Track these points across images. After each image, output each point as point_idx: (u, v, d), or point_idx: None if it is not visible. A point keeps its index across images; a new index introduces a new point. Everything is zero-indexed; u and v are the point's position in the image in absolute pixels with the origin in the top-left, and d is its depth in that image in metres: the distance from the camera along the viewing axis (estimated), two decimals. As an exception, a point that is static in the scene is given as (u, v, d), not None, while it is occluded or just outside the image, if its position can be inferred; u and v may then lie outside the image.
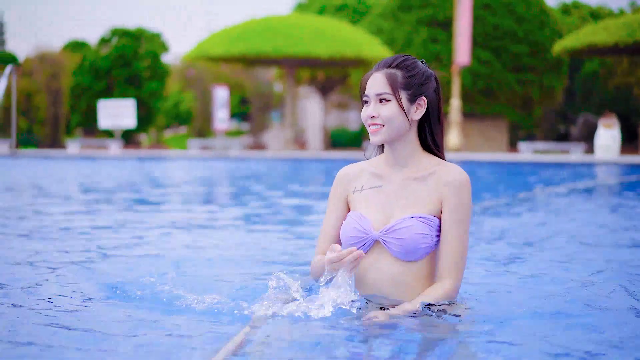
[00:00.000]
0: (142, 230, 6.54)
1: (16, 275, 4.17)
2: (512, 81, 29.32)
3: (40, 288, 3.76)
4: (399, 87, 2.98)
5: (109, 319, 3.17)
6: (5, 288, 3.76)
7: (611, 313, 3.26)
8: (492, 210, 8.21)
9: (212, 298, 3.27)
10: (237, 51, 25.98)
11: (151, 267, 4.46)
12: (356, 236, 3.05)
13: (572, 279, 4.11)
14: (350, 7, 39.99)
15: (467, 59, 24.63)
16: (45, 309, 3.29)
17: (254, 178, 15.02)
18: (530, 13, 29.46)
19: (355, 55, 25.54)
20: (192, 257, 5.01)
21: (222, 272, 4.27)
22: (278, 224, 7.17)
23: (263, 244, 5.68)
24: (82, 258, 4.85)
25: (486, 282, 3.92)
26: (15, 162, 21.62)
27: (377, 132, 3.00)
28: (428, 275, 3.05)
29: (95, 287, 3.84)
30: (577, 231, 6.53)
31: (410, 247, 2.97)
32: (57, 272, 4.24)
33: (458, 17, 24.62)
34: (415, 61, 3.04)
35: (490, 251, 5.22)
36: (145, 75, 34.66)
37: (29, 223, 6.90)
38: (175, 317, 3.13)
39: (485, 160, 21.69)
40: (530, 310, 3.27)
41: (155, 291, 3.50)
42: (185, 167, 19.81)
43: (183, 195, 11.03)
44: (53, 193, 10.70)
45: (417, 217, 2.99)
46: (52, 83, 35.06)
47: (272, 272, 3.21)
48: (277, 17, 28.01)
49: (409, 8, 29.83)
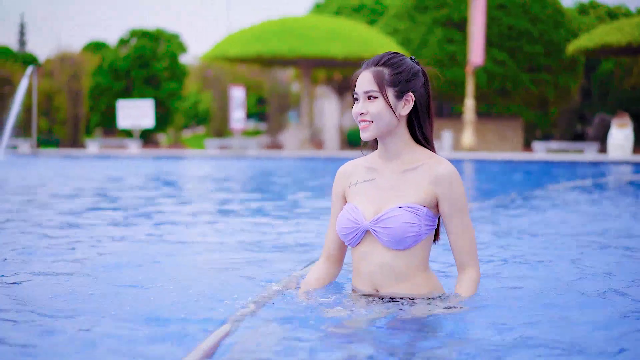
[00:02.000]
0: (162, 225, 6.83)
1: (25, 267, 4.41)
2: (527, 81, 29.39)
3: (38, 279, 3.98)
4: (385, 84, 3.07)
5: (125, 303, 3.46)
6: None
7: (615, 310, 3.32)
8: (495, 207, 8.40)
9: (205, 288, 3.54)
10: (254, 52, 26.21)
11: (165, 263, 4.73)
12: (348, 227, 3.17)
13: (569, 272, 4.24)
14: (368, 7, 40.10)
15: (480, 59, 24.78)
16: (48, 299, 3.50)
17: (270, 177, 15.24)
18: (545, 13, 29.53)
19: (371, 55, 25.60)
20: (206, 251, 5.27)
21: (232, 267, 4.47)
22: (291, 219, 7.38)
23: (275, 239, 5.83)
24: (110, 250, 5.13)
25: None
26: (36, 161, 21.95)
27: (366, 128, 3.10)
28: (420, 262, 3.14)
29: (117, 279, 4.11)
30: (571, 227, 6.65)
31: (398, 235, 3.06)
32: (71, 264, 4.53)
33: (472, 18, 24.78)
34: (402, 58, 3.13)
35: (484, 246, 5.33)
36: (163, 75, 34.79)
37: (46, 217, 7.20)
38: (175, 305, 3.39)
39: (496, 159, 21.80)
40: (528, 306, 3.38)
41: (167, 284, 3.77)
42: (203, 166, 20.05)
43: (201, 192, 11.30)
44: (73, 191, 11.00)
45: (405, 207, 3.08)
46: (72, 83, 35.32)
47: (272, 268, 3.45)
48: (293, 18, 28.19)
49: (424, 8, 29.99)
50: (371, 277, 3.18)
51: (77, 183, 12.88)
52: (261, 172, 16.66)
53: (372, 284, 3.19)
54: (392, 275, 3.14)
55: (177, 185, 13.30)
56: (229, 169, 18.16)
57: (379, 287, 3.18)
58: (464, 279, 3.17)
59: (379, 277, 3.16)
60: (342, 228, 3.20)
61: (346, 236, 3.20)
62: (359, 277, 3.23)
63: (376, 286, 3.18)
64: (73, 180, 13.81)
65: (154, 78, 34.68)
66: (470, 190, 11.89)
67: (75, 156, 25.47)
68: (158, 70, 34.58)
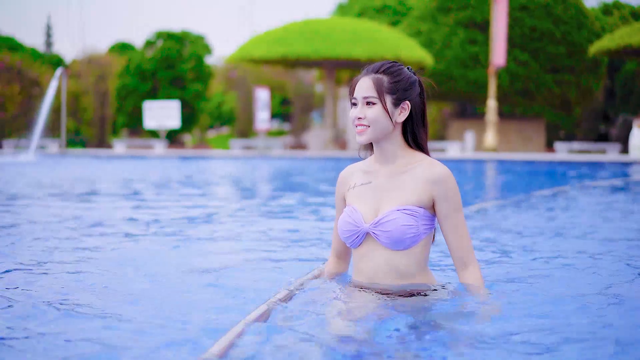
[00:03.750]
0: (188, 222, 7.14)
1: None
2: (550, 82, 29.43)
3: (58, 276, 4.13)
4: (384, 91, 3.20)
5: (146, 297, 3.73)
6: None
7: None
8: (504, 206, 8.59)
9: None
10: (278, 53, 26.38)
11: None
12: (349, 229, 3.29)
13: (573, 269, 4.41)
14: (391, 8, 40.20)
15: (502, 60, 24.90)
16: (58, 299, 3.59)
17: (293, 176, 15.47)
18: (568, 14, 29.54)
19: (394, 56, 25.72)
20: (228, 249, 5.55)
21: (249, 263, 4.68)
22: (315, 218, 7.62)
23: (297, 236, 6.03)
24: (145, 244, 5.44)
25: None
26: (67, 161, 22.34)
27: (363, 132, 3.24)
28: (420, 261, 3.25)
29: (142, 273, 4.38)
30: (578, 228, 6.74)
31: (397, 237, 3.17)
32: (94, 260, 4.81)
33: (494, 19, 24.91)
34: (401, 68, 3.26)
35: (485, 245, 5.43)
36: (189, 76, 34.98)
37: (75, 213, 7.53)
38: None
39: (516, 159, 21.90)
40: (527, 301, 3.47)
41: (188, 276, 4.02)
42: (229, 165, 20.31)
43: (228, 191, 11.58)
44: (107, 189, 11.34)
45: (402, 210, 3.19)
46: (99, 85, 35.67)
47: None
48: (316, 20, 28.34)
49: (447, 10, 30.12)
50: (372, 276, 3.29)
51: (109, 181, 13.23)
52: (285, 172, 16.90)
53: (373, 283, 3.29)
54: (393, 274, 3.25)
55: (207, 184, 13.59)
56: (254, 169, 18.40)
57: (379, 285, 3.28)
58: (470, 277, 3.27)
59: (380, 276, 3.26)
60: (344, 231, 3.32)
61: (347, 238, 3.32)
62: (360, 275, 3.34)
63: (377, 285, 3.28)
64: (106, 178, 14.15)
65: (179, 79, 34.89)
66: (481, 190, 12.09)
67: (103, 156, 25.83)
68: (183, 71, 34.75)
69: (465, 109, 33.79)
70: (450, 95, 30.68)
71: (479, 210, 7.94)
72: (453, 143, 26.36)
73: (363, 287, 3.30)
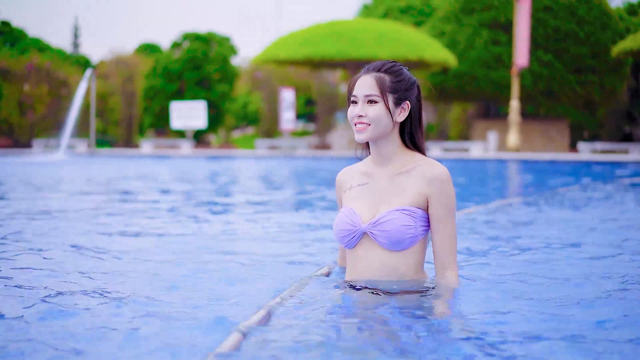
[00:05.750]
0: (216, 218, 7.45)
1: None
2: (573, 82, 29.46)
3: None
4: (387, 90, 3.18)
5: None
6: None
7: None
8: (515, 204, 8.82)
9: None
10: (303, 54, 26.63)
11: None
12: (346, 229, 3.26)
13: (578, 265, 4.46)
14: (415, 8, 40.33)
15: (525, 60, 25.05)
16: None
17: (318, 175, 15.74)
18: (591, 15, 29.54)
19: (418, 57, 25.92)
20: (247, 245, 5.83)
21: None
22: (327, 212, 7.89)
23: (318, 233, 6.21)
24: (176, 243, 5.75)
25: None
26: (97, 160, 22.74)
27: (362, 130, 3.19)
28: (417, 262, 3.24)
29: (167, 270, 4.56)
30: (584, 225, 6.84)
31: (396, 238, 3.15)
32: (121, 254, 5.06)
33: (518, 20, 25.07)
34: (401, 68, 3.26)
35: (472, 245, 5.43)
36: (215, 77, 35.24)
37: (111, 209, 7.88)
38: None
39: (538, 159, 22.01)
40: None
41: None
42: (255, 165, 20.58)
43: (255, 188, 11.86)
44: (139, 187, 11.69)
45: (401, 210, 3.17)
46: (126, 85, 36.07)
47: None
48: (341, 21, 28.53)
49: (471, 11, 30.24)
50: (369, 278, 3.26)
51: (144, 179, 13.59)
52: (310, 171, 17.16)
53: (370, 285, 3.25)
54: (391, 275, 3.22)
55: (235, 182, 13.90)
56: (279, 168, 18.65)
57: (376, 287, 3.24)
58: (444, 282, 3.24)
59: (377, 276, 3.24)
60: (340, 230, 3.28)
61: (343, 238, 3.28)
62: (357, 275, 3.31)
63: (373, 286, 3.24)
64: (139, 176, 14.51)
65: (205, 80, 35.13)
66: (501, 188, 12.29)
67: (131, 156, 26.23)
68: (210, 72, 35.07)
69: (488, 110, 33.90)
70: (473, 96, 30.83)
71: (498, 207, 8.18)
72: (476, 143, 26.55)
73: (359, 287, 3.25)
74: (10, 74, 33.59)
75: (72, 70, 35.94)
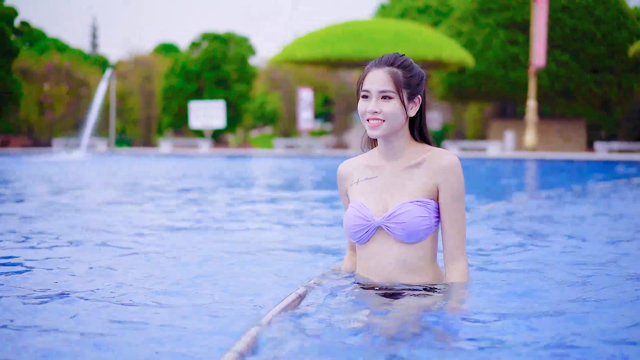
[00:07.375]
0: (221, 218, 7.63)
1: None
2: (590, 82, 29.46)
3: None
4: (402, 86, 3.10)
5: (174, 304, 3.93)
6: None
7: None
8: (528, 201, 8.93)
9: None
10: (321, 54, 26.77)
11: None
12: (359, 224, 3.18)
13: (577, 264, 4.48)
14: (433, 8, 40.37)
15: (542, 60, 25.12)
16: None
17: (335, 175, 15.81)
18: (608, 14, 29.54)
19: (435, 57, 25.97)
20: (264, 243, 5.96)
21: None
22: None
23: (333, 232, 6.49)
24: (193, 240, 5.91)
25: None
26: (117, 159, 22.96)
27: (377, 126, 3.10)
28: (431, 254, 3.19)
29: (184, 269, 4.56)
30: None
31: (412, 229, 3.09)
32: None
33: (534, 20, 25.14)
34: (412, 61, 3.18)
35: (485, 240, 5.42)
36: (233, 77, 35.37)
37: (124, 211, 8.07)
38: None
39: (554, 158, 22.05)
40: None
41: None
42: (274, 164, 20.77)
43: (274, 185, 12.03)
44: (160, 185, 11.88)
45: (415, 202, 3.12)
46: (145, 85, 36.33)
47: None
48: (358, 21, 28.62)
49: (488, 11, 30.31)
50: (383, 273, 3.20)
51: (166, 178, 13.78)
52: (327, 170, 17.29)
53: (384, 279, 3.20)
54: (405, 268, 3.16)
55: (254, 180, 14.07)
56: (297, 167, 18.80)
57: (391, 281, 3.19)
58: (455, 271, 3.19)
59: (392, 271, 3.18)
60: (352, 226, 3.21)
61: (356, 234, 3.21)
62: (369, 273, 3.25)
63: (389, 280, 3.19)
64: (161, 175, 14.71)
65: (224, 80, 35.28)
66: (517, 185, 12.37)
67: (151, 155, 26.46)
68: (228, 72, 35.17)
69: (505, 109, 33.95)
70: (490, 96, 30.90)
71: (515, 204, 8.30)
72: (493, 143, 26.66)
73: (371, 286, 3.20)
74: (30, 74, 33.95)
75: (91, 70, 36.26)
